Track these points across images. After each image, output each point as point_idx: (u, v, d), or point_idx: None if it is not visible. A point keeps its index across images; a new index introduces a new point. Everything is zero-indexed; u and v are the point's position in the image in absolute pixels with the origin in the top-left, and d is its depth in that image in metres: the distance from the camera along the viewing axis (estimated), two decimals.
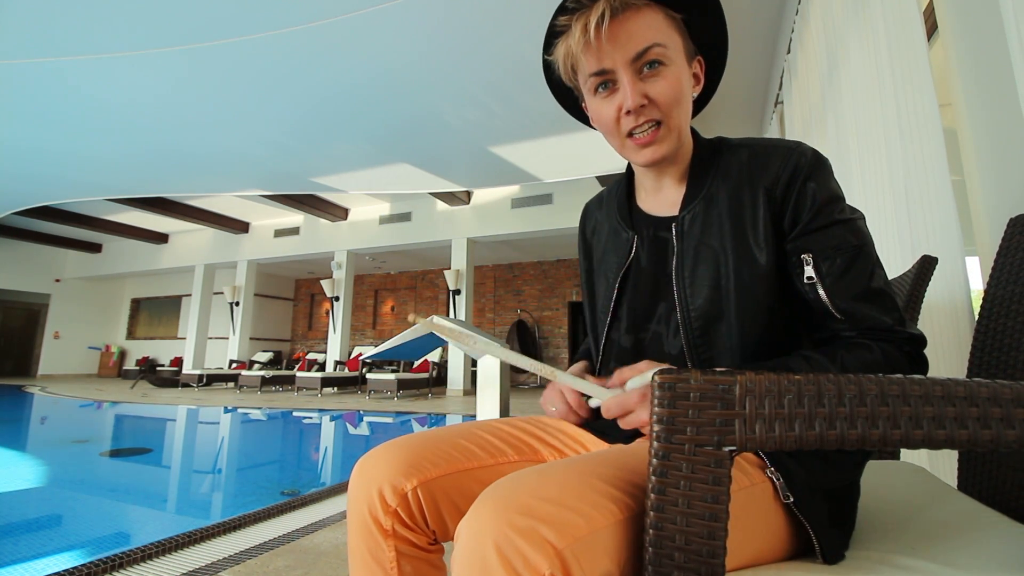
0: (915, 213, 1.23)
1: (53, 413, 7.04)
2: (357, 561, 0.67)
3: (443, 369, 10.28)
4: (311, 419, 6.46)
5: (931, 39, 1.55)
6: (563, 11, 0.67)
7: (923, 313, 1.00)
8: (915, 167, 1.23)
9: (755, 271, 0.65)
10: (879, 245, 1.44)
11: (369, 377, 8.74)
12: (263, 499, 2.64)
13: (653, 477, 0.40)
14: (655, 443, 0.40)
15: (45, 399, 8.67)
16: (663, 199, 0.77)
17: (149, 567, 1.69)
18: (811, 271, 0.62)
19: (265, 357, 12.52)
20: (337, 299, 11.02)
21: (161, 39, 4.17)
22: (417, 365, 9.68)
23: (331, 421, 6.23)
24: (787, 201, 0.65)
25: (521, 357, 0.65)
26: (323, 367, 10.80)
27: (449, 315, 10.38)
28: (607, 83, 0.68)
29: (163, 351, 15.48)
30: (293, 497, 2.51)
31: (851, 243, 0.62)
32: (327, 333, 12.23)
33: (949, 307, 1.06)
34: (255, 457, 4.21)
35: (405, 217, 10.76)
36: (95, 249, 14.37)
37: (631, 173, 0.83)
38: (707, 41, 0.73)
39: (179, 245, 13.32)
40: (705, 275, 0.68)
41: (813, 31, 2.55)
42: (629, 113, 0.66)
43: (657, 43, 0.65)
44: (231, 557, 1.76)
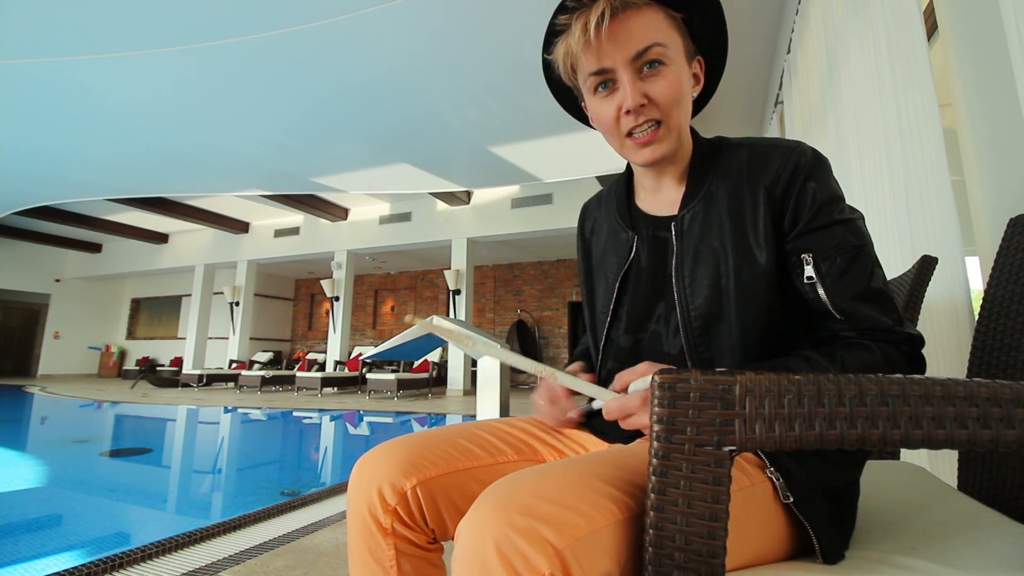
0: (915, 213, 1.23)
1: (53, 413, 7.03)
2: (357, 560, 0.67)
3: (443, 369, 10.28)
4: (311, 419, 6.46)
5: (931, 39, 1.55)
6: (563, 10, 0.67)
7: (923, 313, 1.00)
8: (915, 167, 1.23)
9: (755, 270, 0.65)
10: (879, 245, 1.44)
11: (369, 377, 8.74)
12: (263, 499, 2.64)
13: (653, 477, 0.40)
14: (655, 443, 0.40)
15: (45, 399, 8.67)
16: (662, 199, 0.76)
17: (149, 567, 1.69)
18: (811, 271, 0.62)
19: (265, 357, 12.52)
20: (337, 299, 11.03)
21: (161, 39, 4.17)
22: (417, 365, 9.68)
23: (331, 421, 6.23)
24: (787, 200, 0.65)
25: (520, 358, 0.64)
26: (323, 367, 10.81)
27: (449, 315, 10.38)
28: (607, 82, 0.68)
29: (163, 351, 15.49)
30: (293, 497, 2.51)
31: (851, 243, 0.62)
32: (327, 333, 12.23)
33: (949, 307, 1.06)
34: (255, 457, 4.21)
35: (405, 217, 10.76)
36: (95, 249, 14.38)
37: (630, 173, 0.83)
38: (707, 41, 0.73)
39: (179, 245, 13.32)
40: (705, 275, 0.68)
41: (813, 31, 2.55)
42: (629, 113, 0.66)
43: (657, 43, 0.65)
44: (231, 557, 1.76)
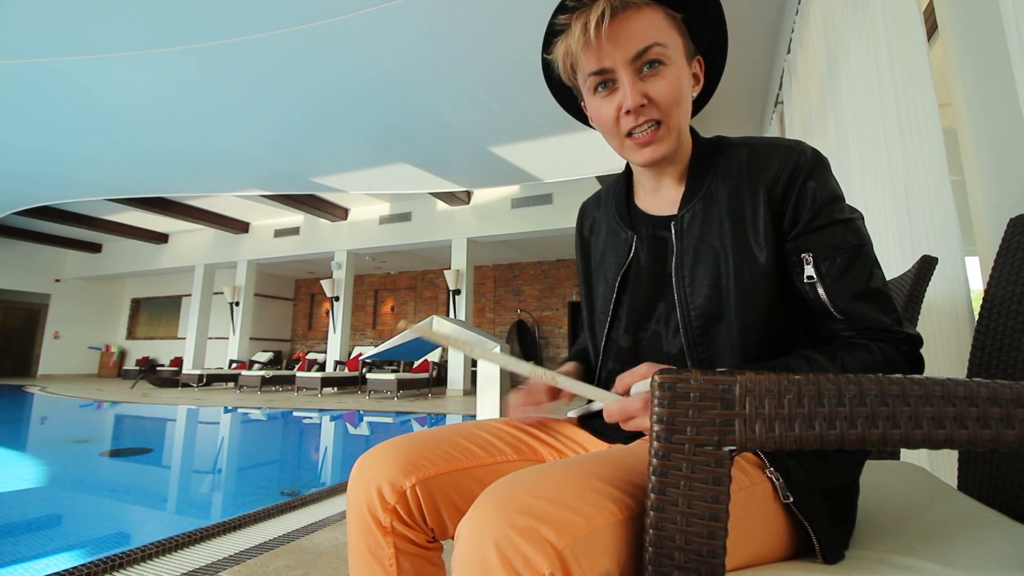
0: (915, 213, 1.23)
1: (53, 413, 7.03)
2: (357, 558, 0.68)
3: (443, 369, 10.28)
4: (311, 419, 6.46)
5: (931, 39, 1.55)
6: (563, 10, 0.67)
7: (923, 313, 1.00)
8: (915, 167, 1.23)
9: (755, 270, 0.65)
10: (879, 245, 1.44)
11: (369, 377, 8.74)
12: (263, 499, 2.64)
13: (653, 477, 0.40)
14: (655, 443, 0.40)
15: (45, 399, 8.66)
16: (662, 198, 0.76)
17: (149, 567, 1.69)
18: (811, 270, 0.62)
19: (265, 357, 12.52)
20: (337, 299, 11.02)
21: (161, 39, 4.17)
22: (417, 365, 9.68)
23: (331, 421, 6.23)
24: (787, 200, 0.65)
25: (518, 362, 0.63)
26: (323, 367, 10.81)
27: (449, 315, 10.38)
28: (607, 82, 0.68)
29: (163, 351, 15.48)
30: (293, 497, 2.51)
31: (851, 243, 0.62)
32: (327, 333, 12.23)
33: (949, 307, 1.06)
34: (255, 457, 4.21)
35: (405, 217, 10.76)
36: (95, 249, 14.38)
37: (630, 172, 0.82)
38: (707, 41, 0.73)
39: (179, 245, 13.32)
40: (705, 274, 0.67)
41: (813, 31, 2.55)
42: (629, 113, 0.66)
43: (657, 42, 0.65)
44: (231, 557, 1.76)
